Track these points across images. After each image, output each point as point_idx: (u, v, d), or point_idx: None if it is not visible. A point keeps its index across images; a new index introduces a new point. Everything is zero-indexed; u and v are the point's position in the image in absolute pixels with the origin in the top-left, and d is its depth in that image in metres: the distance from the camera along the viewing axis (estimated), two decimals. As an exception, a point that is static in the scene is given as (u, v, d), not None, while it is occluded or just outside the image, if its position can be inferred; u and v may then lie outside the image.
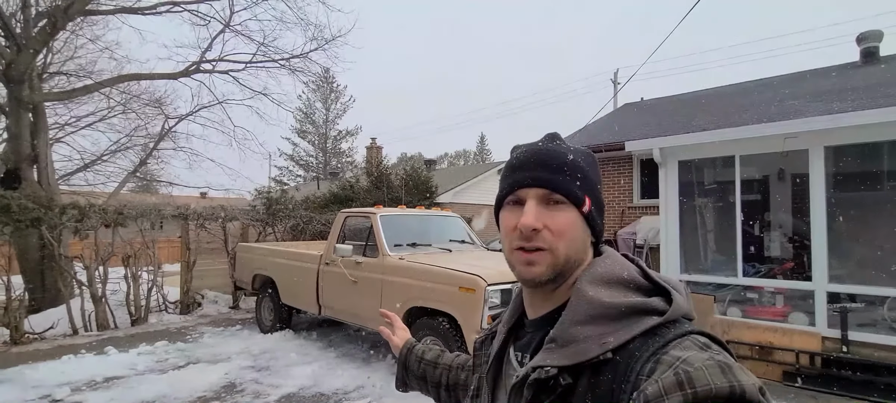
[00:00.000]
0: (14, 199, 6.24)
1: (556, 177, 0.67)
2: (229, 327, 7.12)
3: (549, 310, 0.70)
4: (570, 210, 0.67)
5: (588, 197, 0.68)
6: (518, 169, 0.70)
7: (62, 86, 11.24)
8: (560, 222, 0.66)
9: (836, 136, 4.75)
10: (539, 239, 0.66)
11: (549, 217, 0.66)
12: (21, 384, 4.58)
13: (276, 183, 32.99)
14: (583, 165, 0.69)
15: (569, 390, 0.60)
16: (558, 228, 0.66)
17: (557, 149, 0.70)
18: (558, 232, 0.66)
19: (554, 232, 0.66)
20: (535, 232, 0.66)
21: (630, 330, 0.60)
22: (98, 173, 13.02)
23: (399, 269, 4.80)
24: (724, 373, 0.50)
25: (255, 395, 4.45)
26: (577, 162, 0.69)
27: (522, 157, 0.71)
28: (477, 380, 0.84)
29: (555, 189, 0.67)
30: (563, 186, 0.67)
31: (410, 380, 1.15)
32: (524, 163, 0.70)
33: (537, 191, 0.67)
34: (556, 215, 0.66)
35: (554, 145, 0.71)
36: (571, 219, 0.67)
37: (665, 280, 0.67)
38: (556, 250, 0.66)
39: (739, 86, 12.10)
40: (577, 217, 0.67)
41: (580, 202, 0.67)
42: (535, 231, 0.65)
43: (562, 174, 0.67)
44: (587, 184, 0.69)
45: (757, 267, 5.76)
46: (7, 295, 6.08)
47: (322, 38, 10.48)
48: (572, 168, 0.68)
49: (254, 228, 9.52)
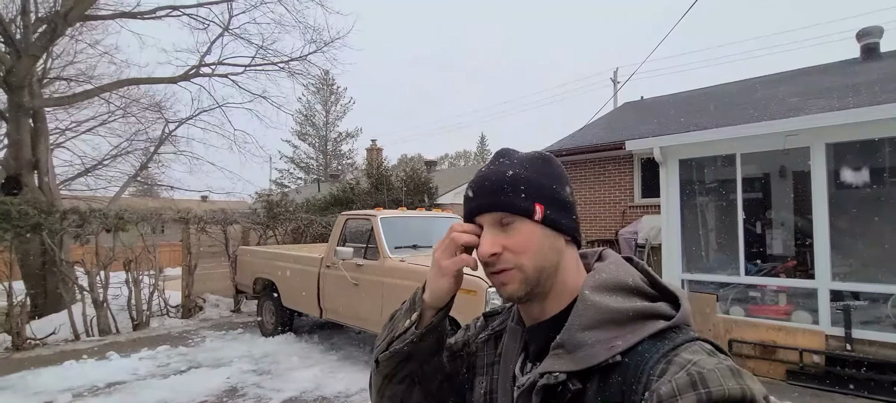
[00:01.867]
0: (14, 205, 6.24)
1: (498, 197, 0.68)
2: (231, 331, 7.11)
3: (546, 318, 0.70)
4: (524, 223, 0.67)
5: (537, 203, 0.68)
6: (470, 198, 0.72)
7: (62, 91, 11.27)
8: (516, 240, 0.67)
9: (837, 133, 4.73)
10: (502, 261, 0.67)
11: (507, 237, 0.67)
12: (23, 390, 4.58)
13: (277, 185, 33.11)
14: (526, 175, 0.69)
15: (578, 395, 0.61)
16: (517, 246, 0.67)
17: (498, 170, 0.70)
18: (519, 249, 0.67)
19: (514, 251, 0.67)
20: (495, 257, 0.67)
21: (638, 334, 0.61)
22: (99, 178, 13.07)
23: (400, 271, 4.79)
24: (735, 377, 0.52)
25: (257, 399, 4.44)
26: (519, 174, 0.69)
27: (472, 185, 0.72)
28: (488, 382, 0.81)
29: (499, 209, 0.68)
30: (505, 205, 0.67)
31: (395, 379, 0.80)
32: (473, 190, 0.72)
33: (488, 216, 0.69)
34: (512, 234, 0.67)
35: (496, 165, 0.72)
36: (528, 233, 0.67)
37: (670, 285, 0.68)
38: (523, 266, 0.66)
39: (740, 84, 12.10)
40: (533, 228, 0.67)
41: (530, 212, 0.67)
42: (494, 255, 0.67)
43: (502, 193, 0.68)
44: (534, 191, 0.68)
45: (759, 266, 5.75)
46: (9, 300, 6.08)
47: (321, 41, 10.51)
48: (512, 182, 0.68)
49: (255, 231, 9.53)
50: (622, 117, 12.97)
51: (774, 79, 11.53)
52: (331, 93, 36.86)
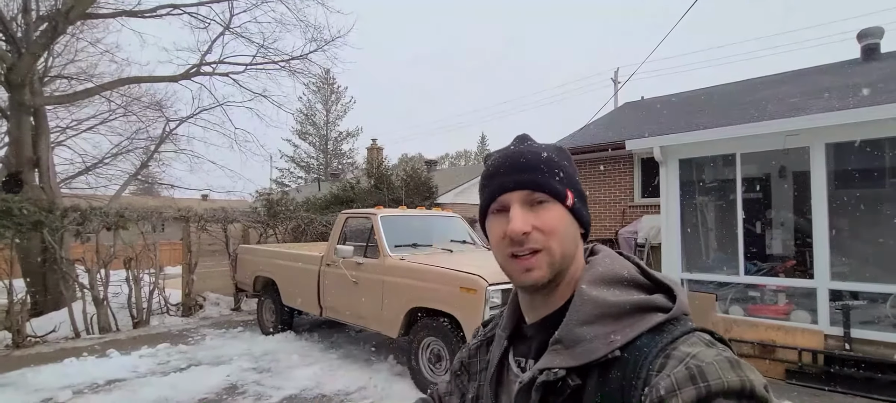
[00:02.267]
0: (15, 203, 6.25)
1: (535, 176, 0.66)
2: (231, 329, 7.12)
3: (549, 313, 0.70)
4: (555, 206, 0.66)
5: (569, 190, 0.68)
6: (495, 175, 0.69)
7: (63, 89, 11.27)
8: (548, 220, 0.65)
9: (837, 133, 4.74)
10: (531, 241, 0.64)
11: (536, 217, 0.65)
12: (24, 387, 4.59)
13: (277, 184, 33.11)
14: (558, 160, 0.69)
15: (578, 391, 0.60)
16: (548, 227, 0.65)
17: (530, 149, 0.69)
18: (549, 230, 0.65)
19: (545, 232, 0.65)
20: (526, 236, 0.64)
21: (636, 328, 0.60)
22: (99, 176, 13.06)
23: (400, 270, 4.80)
24: (734, 369, 0.52)
25: (257, 397, 4.45)
26: (552, 158, 0.69)
27: (498, 163, 0.70)
28: (476, 388, 0.82)
29: (536, 188, 0.66)
30: (543, 184, 0.66)
31: None
32: (500, 169, 0.69)
33: (519, 193, 0.66)
34: (542, 214, 0.65)
35: (525, 146, 0.71)
36: (559, 215, 0.66)
37: (664, 277, 0.68)
38: (551, 249, 0.65)
39: (740, 84, 12.09)
40: (563, 212, 0.67)
41: (563, 197, 0.67)
42: (525, 234, 0.64)
43: (540, 172, 0.66)
44: (566, 177, 0.69)
45: (759, 265, 5.75)
46: (9, 298, 6.09)
47: (322, 40, 10.51)
48: (548, 165, 0.67)
49: (255, 230, 9.53)
50: (622, 117, 12.97)
51: (775, 79, 11.52)
52: (331, 92, 36.87)
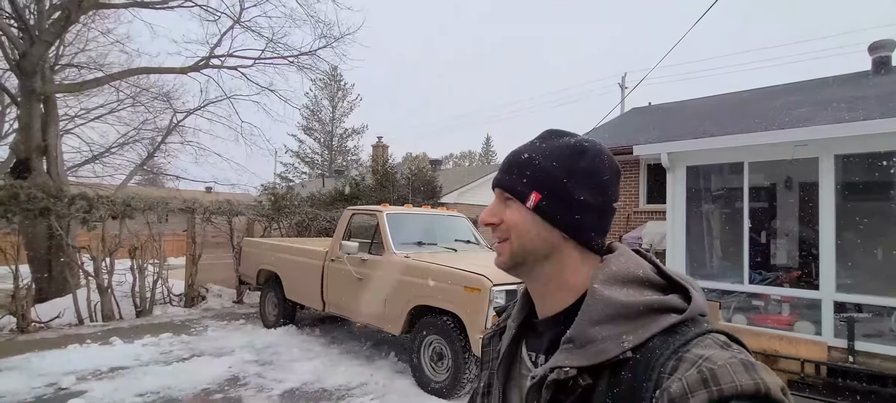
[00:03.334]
0: (23, 189, 6.29)
1: (505, 176, 0.74)
2: (233, 321, 7.14)
3: (560, 310, 0.70)
4: (516, 205, 0.72)
5: (535, 192, 0.70)
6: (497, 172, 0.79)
7: (73, 78, 11.36)
8: (508, 216, 0.73)
9: (846, 145, 4.71)
10: (499, 231, 0.74)
11: (503, 212, 0.74)
12: (28, 371, 4.62)
13: (282, 179, 33.19)
14: (539, 163, 0.71)
15: (588, 391, 0.60)
16: (509, 222, 0.73)
17: (519, 150, 0.75)
18: (510, 225, 0.73)
19: (508, 226, 0.73)
20: (491, 226, 0.75)
21: (649, 329, 0.59)
22: (106, 165, 13.17)
23: (404, 267, 4.80)
24: (748, 371, 0.50)
25: (258, 389, 4.46)
26: (531, 159, 0.72)
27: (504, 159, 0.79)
28: (487, 377, 0.83)
29: (502, 187, 0.74)
30: (505, 184, 0.74)
31: None
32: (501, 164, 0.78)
33: (497, 190, 0.76)
34: (506, 210, 0.73)
35: (525, 146, 0.76)
36: (516, 214, 0.72)
37: (680, 277, 0.66)
38: (512, 241, 0.72)
39: (749, 93, 12.04)
40: (522, 212, 0.71)
41: (523, 197, 0.71)
42: (489, 225, 0.75)
43: (509, 173, 0.73)
44: (537, 178, 0.70)
45: (763, 275, 5.73)
46: (15, 283, 6.13)
47: (331, 36, 10.55)
48: (521, 166, 0.72)
49: (259, 223, 9.57)
50: (629, 122, 12.94)
51: (784, 89, 11.47)
52: (338, 88, 36.91)
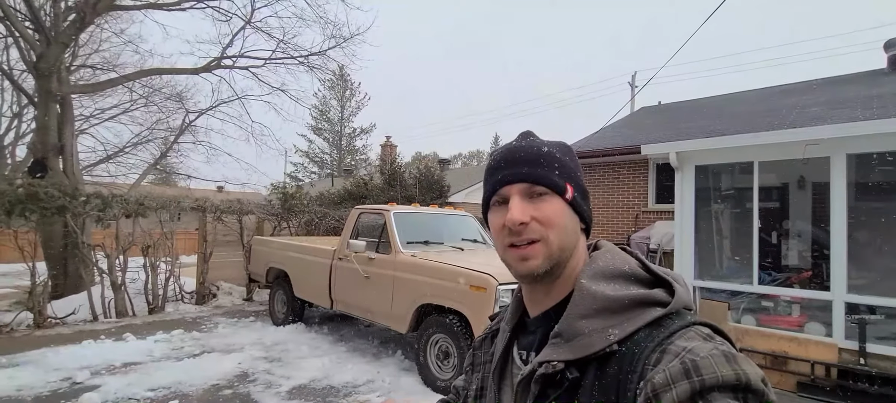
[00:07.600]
0: (41, 187, 6.43)
1: (535, 169, 0.68)
2: (243, 318, 7.24)
3: (551, 306, 0.71)
4: (554, 198, 0.68)
5: (569, 184, 0.70)
6: (498, 169, 0.72)
7: (87, 78, 11.56)
8: (546, 211, 0.67)
9: (859, 144, 4.65)
10: (529, 231, 0.66)
11: (535, 209, 0.67)
12: (44, 366, 4.73)
13: (292, 179, 33.44)
14: (559, 155, 0.71)
15: (576, 384, 0.61)
16: (546, 218, 0.67)
17: (531, 144, 0.72)
18: (547, 221, 0.67)
19: (543, 223, 0.67)
20: (524, 226, 0.66)
21: (634, 322, 0.61)
22: (120, 164, 13.38)
23: (411, 266, 4.84)
24: (729, 362, 0.51)
25: (267, 385, 4.52)
26: (553, 153, 0.71)
27: (500, 157, 0.72)
28: (480, 379, 0.83)
29: (535, 181, 0.68)
30: (542, 177, 0.68)
31: None
32: (502, 162, 0.71)
33: (519, 186, 0.68)
34: (541, 206, 0.67)
35: (527, 142, 0.73)
36: (557, 208, 0.68)
37: (665, 272, 0.68)
38: (548, 240, 0.67)
39: (760, 92, 11.91)
40: (562, 205, 0.69)
41: (562, 190, 0.69)
42: (522, 224, 0.66)
43: (539, 166, 0.69)
44: (566, 172, 0.70)
45: (773, 275, 5.68)
46: (32, 280, 6.27)
47: (340, 36, 10.62)
48: (548, 158, 0.70)
49: (269, 222, 9.67)
50: (639, 121, 12.85)
51: (796, 88, 11.32)
52: (346, 88, 37.10)
